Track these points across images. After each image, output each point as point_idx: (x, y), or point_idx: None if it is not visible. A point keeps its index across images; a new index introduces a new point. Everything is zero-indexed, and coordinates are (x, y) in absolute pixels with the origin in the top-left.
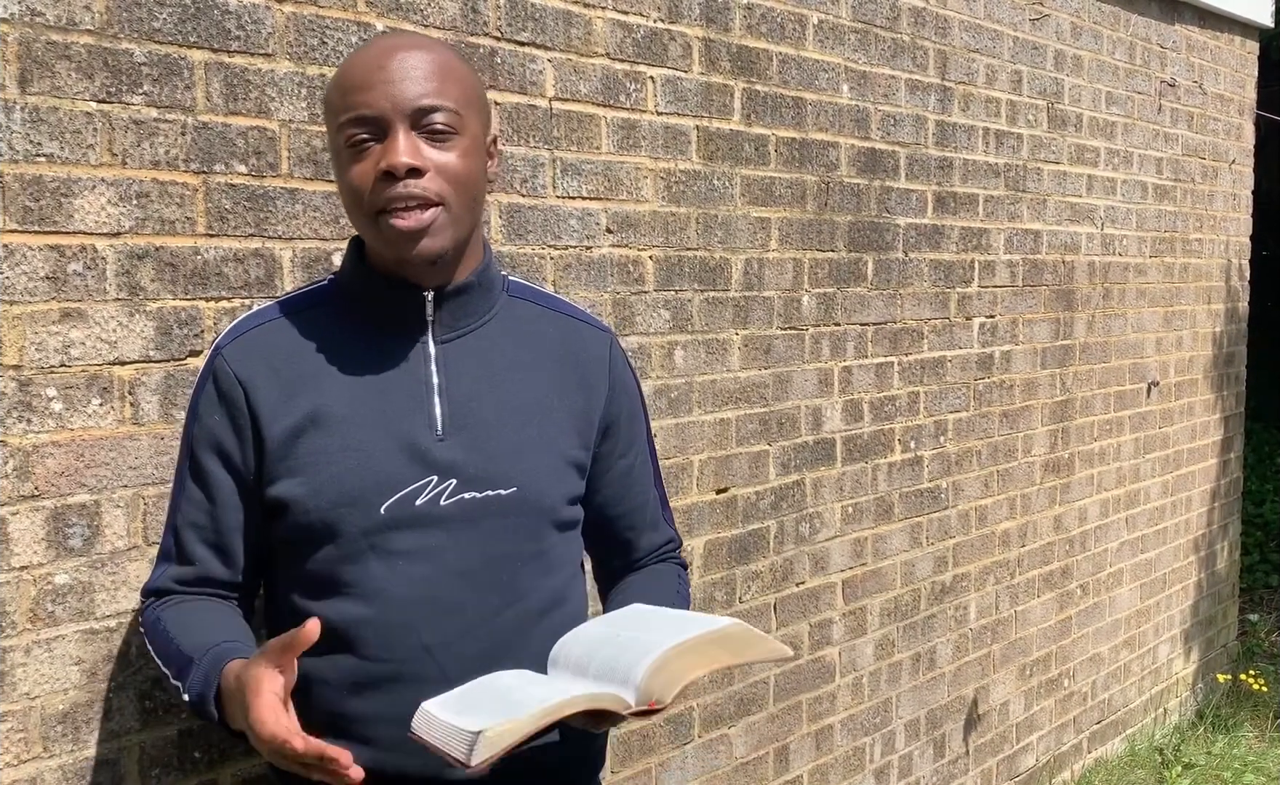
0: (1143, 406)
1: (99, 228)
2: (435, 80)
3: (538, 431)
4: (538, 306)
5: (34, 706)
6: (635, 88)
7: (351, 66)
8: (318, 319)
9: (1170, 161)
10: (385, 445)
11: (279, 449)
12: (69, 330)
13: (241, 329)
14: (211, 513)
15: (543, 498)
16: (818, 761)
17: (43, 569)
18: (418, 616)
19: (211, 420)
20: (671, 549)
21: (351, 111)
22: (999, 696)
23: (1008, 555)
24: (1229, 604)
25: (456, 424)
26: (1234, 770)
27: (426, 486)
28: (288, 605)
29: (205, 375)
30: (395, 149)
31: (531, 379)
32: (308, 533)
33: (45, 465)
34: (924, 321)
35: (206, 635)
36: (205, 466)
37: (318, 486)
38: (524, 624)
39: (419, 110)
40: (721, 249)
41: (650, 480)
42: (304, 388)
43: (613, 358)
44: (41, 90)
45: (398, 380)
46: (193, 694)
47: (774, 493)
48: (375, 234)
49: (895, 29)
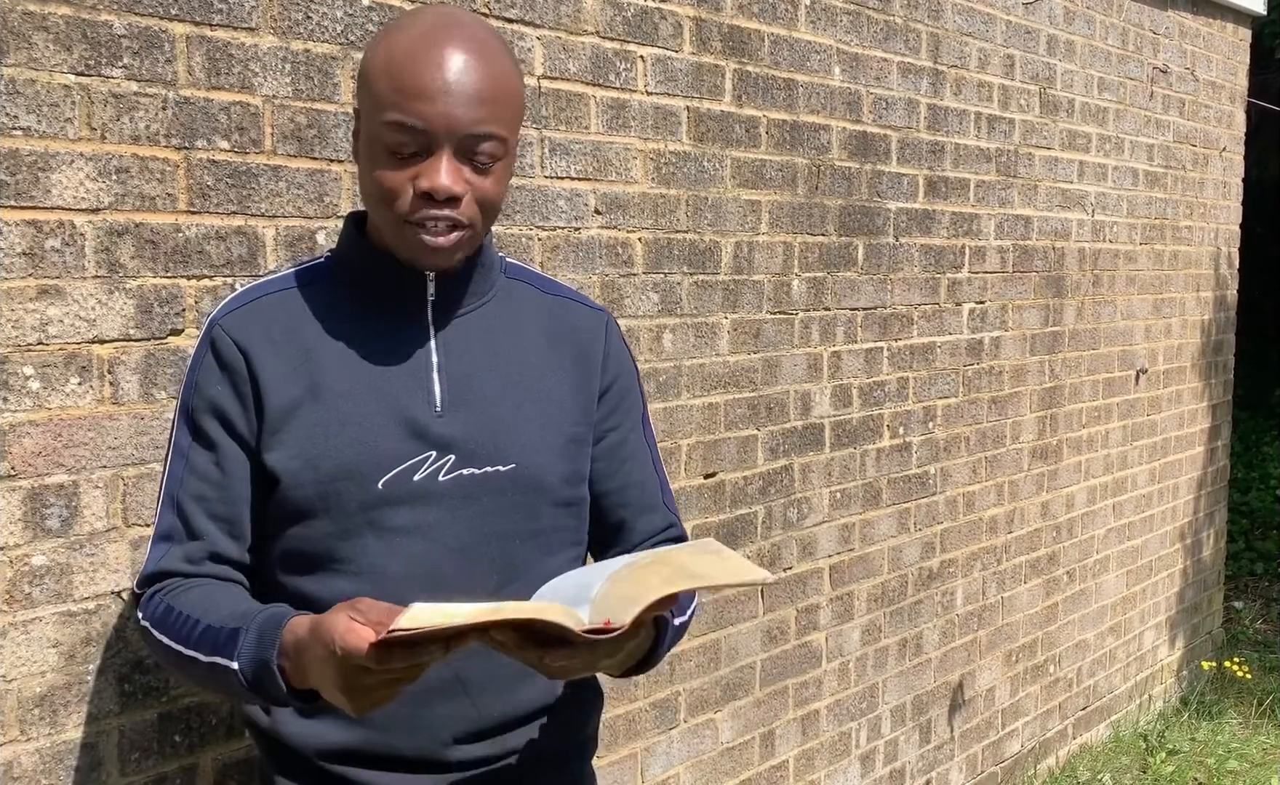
0: (1131, 394)
1: (77, 203)
2: (491, 104)
3: (537, 409)
4: (534, 288)
5: (10, 689)
6: (625, 67)
7: (409, 59)
8: (315, 294)
9: (1161, 148)
10: (383, 420)
11: (277, 420)
12: (46, 308)
13: (239, 302)
14: (221, 484)
15: (541, 475)
16: (804, 746)
17: (20, 550)
18: (414, 594)
19: (214, 391)
20: (672, 534)
21: (402, 116)
22: (985, 682)
23: (995, 541)
24: (1214, 591)
25: (455, 401)
26: (1218, 757)
27: (425, 462)
28: (275, 582)
29: (203, 347)
30: (439, 173)
31: (530, 357)
32: (302, 507)
33: (22, 445)
34: (914, 307)
35: (240, 604)
36: (212, 437)
37: (314, 460)
38: (519, 600)
39: (471, 136)
40: (711, 232)
41: (647, 461)
42: (302, 361)
43: (609, 334)
44: (18, 62)
45: (396, 357)
46: (244, 661)
47: (762, 478)
48: (396, 236)
49: (888, 11)
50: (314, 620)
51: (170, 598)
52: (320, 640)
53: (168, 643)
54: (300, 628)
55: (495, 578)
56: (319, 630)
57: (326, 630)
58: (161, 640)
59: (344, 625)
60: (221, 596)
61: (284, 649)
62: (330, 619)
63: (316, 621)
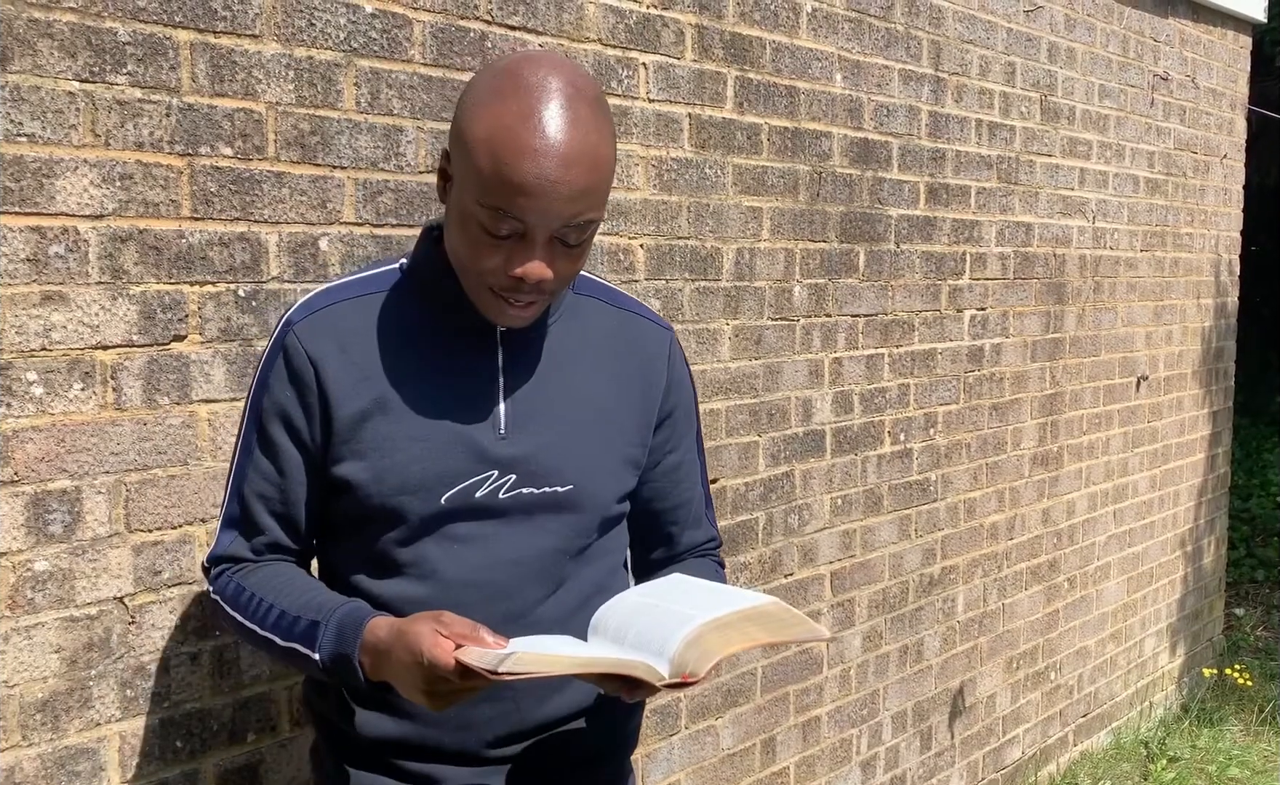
0: (1132, 401)
1: (81, 209)
2: (590, 196)
3: (597, 430)
4: (602, 303)
5: (12, 694)
6: (627, 74)
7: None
8: (389, 303)
9: (1162, 155)
10: (449, 438)
11: (346, 430)
12: (50, 313)
13: (314, 306)
14: (280, 485)
15: (597, 496)
16: (805, 753)
17: (22, 555)
18: (469, 598)
19: (283, 395)
20: (712, 546)
21: (504, 205)
22: (986, 689)
23: (996, 548)
24: (1215, 598)
25: (519, 424)
26: (1219, 764)
27: (487, 480)
28: (346, 580)
29: (276, 348)
30: (532, 259)
31: (594, 377)
32: (370, 514)
33: (25, 450)
34: (915, 313)
35: (311, 593)
36: (274, 439)
37: (382, 472)
38: (566, 610)
39: (568, 228)
40: (713, 238)
41: (698, 478)
42: (373, 372)
43: (672, 354)
44: (23, 69)
45: (464, 374)
46: (325, 653)
47: (763, 484)
48: (481, 299)
49: (889, 19)
50: (397, 627)
51: (240, 577)
52: (406, 647)
53: (241, 620)
54: (381, 630)
55: (544, 588)
56: (405, 639)
57: (413, 639)
58: (234, 616)
59: (430, 638)
60: (290, 582)
61: (364, 646)
62: (416, 629)
63: (400, 629)
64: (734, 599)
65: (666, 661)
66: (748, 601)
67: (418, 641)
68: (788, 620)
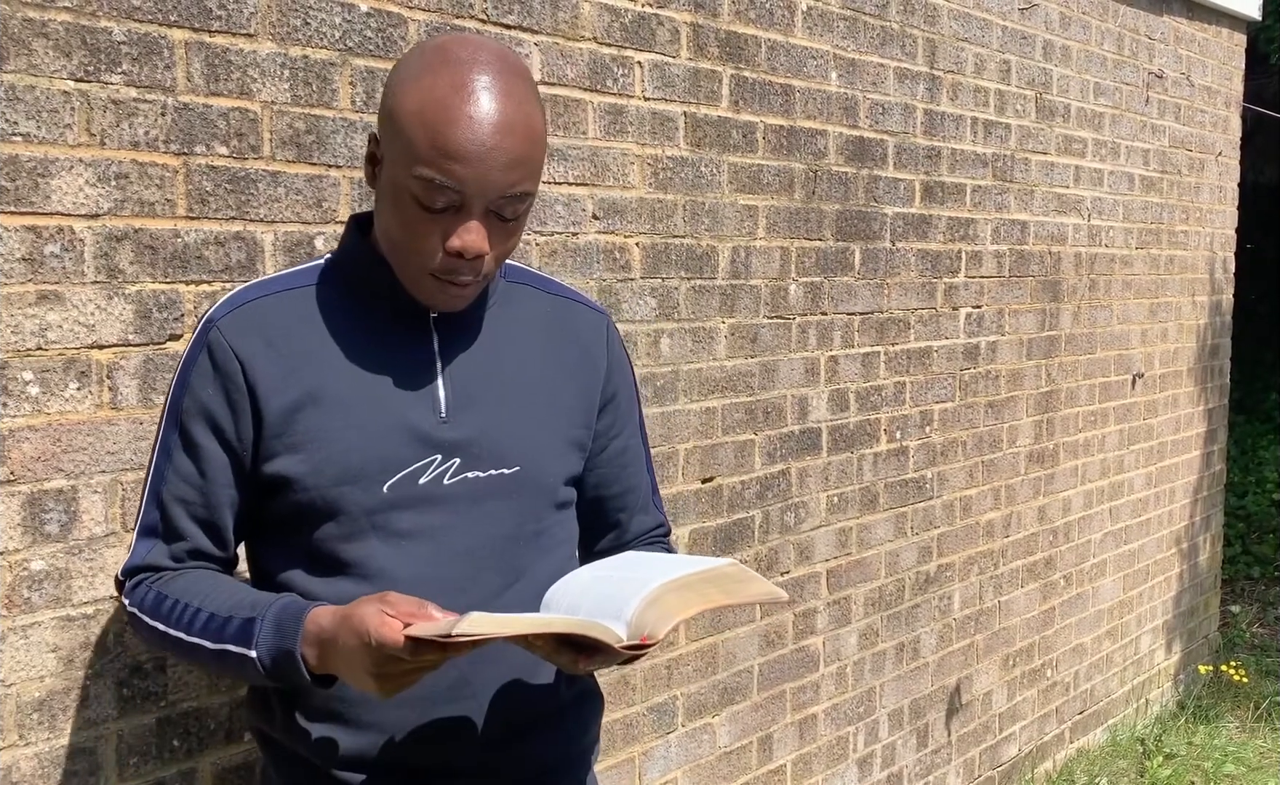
0: (1127, 398)
1: (77, 208)
2: (525, 165)
3: (540, 411)
4: (535, 289)
5: (9, 694)
6: (622, 72)
7: (445, 113)
8: (315, 296)
9: (1157, 153)
10: (387, 424)
11: (277, 424)
12: (46, 313)
13: (237, 301)
14: (202, 488)
15: (544, 477)
16: (801, 751)
17: (19, 555)
18: (421, 597)
19: (204, 393)
20: (661, 533)
21: (436, 174)
22: (982, 686)
23: (992, 546)
24: (1211, 595)
25: (459, 404)
26: (1215, 760)
27: (430, 466)
28: (282, 584)
29: (197, 346)
30: (468, 232)
31: (532, 360)
32: (308, 510)
33: (21, 450)
34: (910, 311)
35: (240, 594)
36: (197, 440)
37: (319, 464)
38: (525, 602)
39: (504, 198)
40: (708, 236)
41: (643, 464)
42: (303, 364)
43: (610, 338)
44: (18, 68)
45: (399, 361)
46: (263, 650)
47: (759, 482)
48: (417, 284)
49: (884, 16)
50: (340, 612)
51: (159, 585)
52: (352, 630)
53: (163, 629)
54: (324, 618)
55: (499, 580)
56: (350, 622)
57: (359, 621)
58: (154, 626)
59: (376, 618)
60: (216, 585)
61: (306, 637)
62: (361, 611)
63: (345, 614)
64: (690, 564)
65: (624, 625)
66: (706, 564)
67: (363, 622)
68: (745, 581)
